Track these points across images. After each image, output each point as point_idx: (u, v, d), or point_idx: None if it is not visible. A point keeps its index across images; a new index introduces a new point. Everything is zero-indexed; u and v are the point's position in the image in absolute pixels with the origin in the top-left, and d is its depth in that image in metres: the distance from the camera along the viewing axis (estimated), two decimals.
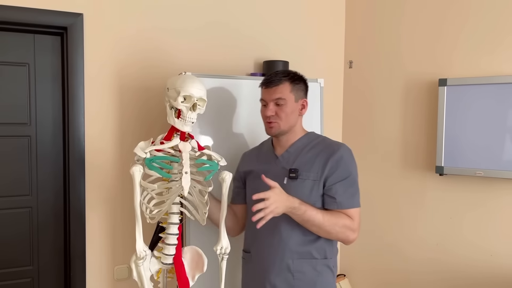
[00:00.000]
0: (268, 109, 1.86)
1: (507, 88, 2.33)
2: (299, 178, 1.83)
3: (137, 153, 1.76)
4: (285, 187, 1.78)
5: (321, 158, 1.85)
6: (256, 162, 2.00)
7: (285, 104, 1.85)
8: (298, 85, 1.90)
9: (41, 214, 2.37)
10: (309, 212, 1.73)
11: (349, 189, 1.83)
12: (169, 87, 1.83)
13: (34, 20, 2.22)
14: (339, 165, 1.83)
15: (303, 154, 1.89)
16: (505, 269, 2.42)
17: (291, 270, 1.83)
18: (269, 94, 1.86)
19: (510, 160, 2.32)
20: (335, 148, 1.86)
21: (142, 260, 1.75)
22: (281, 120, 1.86)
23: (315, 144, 1.91)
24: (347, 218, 1.80)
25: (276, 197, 1.63)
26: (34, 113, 2.33)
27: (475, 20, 2.50)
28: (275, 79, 1.86)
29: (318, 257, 1.85)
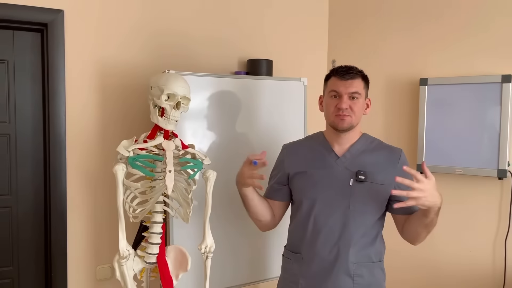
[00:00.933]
0: (342, 101, 1.74)
1: (484, 87, 2.38)
2: (367, 180, 1.75)
3: (120, 152, 1.74)
4: (351, 189, 1.75)
5: (387, 162, 1.79)
6: (307, 161, 1.86)
7: (359, 99, 1.77)
8: (366, 83, 1.83)
9: (21, 214, 2.33)
10: (440, 208, 1.63)
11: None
12: (153, 85, 1.81)
13: (13, 16, 2.18)
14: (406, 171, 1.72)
15: (365, 155, 1.81)
16: (483, 264, 2.48)
17: (351, 275, 1.75)
18: (344, 87, 1.75)
19: (488, 158, 2.37)
20: (397, 152, 1.82)
21: (125, 260, 1.73)
22: (354, 114, 1.76)
23: (374, 146, 1.85)
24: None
25: (432, 190, 1.53)
26: (13, 111, 2.29)
27: (455, 22, 2.55)
28: (352, 72, 1.77)
29: (375, 260, 1.80)
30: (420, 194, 1.51)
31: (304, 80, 2.56)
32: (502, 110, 2.32)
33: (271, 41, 2.91)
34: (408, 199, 1.53)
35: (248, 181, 1.73)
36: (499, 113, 2.34)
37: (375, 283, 1.80)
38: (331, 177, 1.79)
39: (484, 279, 2.47)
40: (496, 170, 2.35)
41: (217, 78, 2.37)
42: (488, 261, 2.46)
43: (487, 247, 2.46)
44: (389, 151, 1.83)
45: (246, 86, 2.46)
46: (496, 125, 2.35)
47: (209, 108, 2.33)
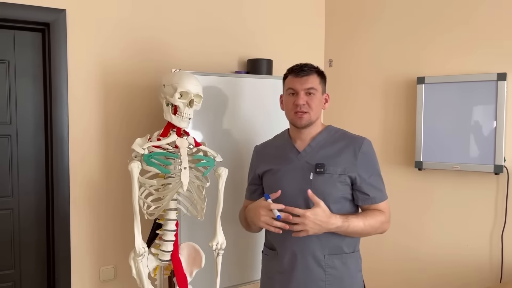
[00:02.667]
0: (299, 97, 1.81)
1: (480, 85, 2.45)
2: (326, 172, 1.79)
3: (136, 149, 1.74)
4: (312, 182, 1.79)
5: (347, 152, 1.83)
6: (273, 159, 1.94)
7: (316, 94, 1.83)
8: (323, 79, 1.91)
9: (22, 216, 2.29)
10: (352, 225, 1.73)
11: (378, 183, 1.85)
12: (166, 83, 1.83)
13: (14, 15, 2.16)
14: (367, 160, 1.83)
15: (326, 147, 1.86)
16: (480, 258, 2.54)
17: (323, 266, 1.80)
18: (300, 83, 1.83)
19: (484, 154, 2.44)
20: (359, 141, 1.85)
21: (141, 257, 1.73)
22: (312, 110, 1.82)
23: (337, 137, 1.89)
24: (381, 214, 1.82)
25: (315, 221, 1.64)
26: (14, 112, 2.26)
27: (451, 21, 2.62)
28: (306, 69, 1.84)
29: (347, 251, 1.84)
30: (300, 227, 1.65)
31: None
32: (498, 107, 2.40)
33: (270, 41, 2.94)
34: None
35: (264, 225, 1.75)
36: (494, 111, 2.41)
37: (349, 273, 1.84)
38: (293, 172, 1.84)
39: (481, 273, 2.53)
40: (492, 165, 2.42)
41: (218, 77, 2.40)
42: (485, 255, 2.52)
43: (484, 241, 2.53)
44: (350, 140, 1.87)
45: (246, 85, 2.48)
46: (492, 122, 2.42)
47: (210, 107, 2.35)
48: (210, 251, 1.91)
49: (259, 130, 2.50)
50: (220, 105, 2.39)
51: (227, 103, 2.41)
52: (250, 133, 2.49)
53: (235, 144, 2.43)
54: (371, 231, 1.79)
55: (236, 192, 2.39)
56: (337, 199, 1.80)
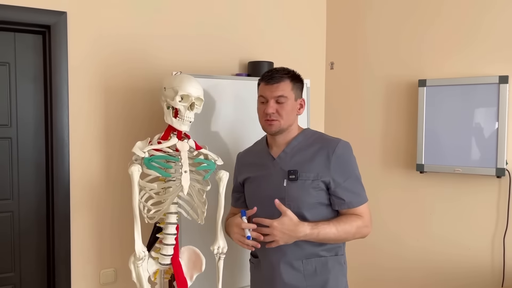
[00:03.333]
0: (269, 106, 1.77)
1: (482, 88, 2.45)
2: (299, 179, 1.74)
3: (136, 152, 1.74)
4: (286, 189, 1.75)
5: (320, 156, 1.77)
6: (252, 166, 1.92)
7: (286, 102, 1.77)
8: (297, 84, 1.84)
9: (23, 219, 2.29)
10: (322, 232, 1.68)
11: (355, 186, 1.77)
12: (166, 86, 1.82)
13: (15, 18, 2.15)
14: (341, 163, 1.76)
15: (300, 153, 1.80)
16: (482, 262, 2.53)
17: (302, 271, 1.77)
18: (270, 91, 1.78)
19: (486, 157, 2.43)
20: (333, 144, 1.77)
21: (142, 261, 1.72)
22: (282, 118, 1.78)
23: (312, 141, 1.83)
24: (357, 218, 1.74)
25: (282, 231, 1.63)
26: (15, 115, 2.25)
27: (453, 24, 2.61)
28: (277, 76, 1.78)
29: (328, 254, 1.79)
30: (270, 238, 1.65)
31: (307, 81, 2.59)
32: (500, 110, 2.39)
33: (271, 43, 2.94)
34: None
35: (237, 242, 1.78)
36: (496, 113, 2.40)
37: (331, 277, 1.78)
38: (268, 179, 1.81)
39: (483, 277, 2.52)
40: (494, 168, 2.41)
41: (219, 80, 2.39)
42: (487, 258, 2.51)
43: (486, 245, 2.52)
44: (324, 143, 1.80)
45: (247, 88, 2.48)
46: (494, 125, 2.41)
47: (211, 110, 2.34)
48: (211, 255, 1.90)
49: (260, 134, 2.49)
50: (221, 108, 2.38)
51: (228, 106, 2.40)
52: (251, 137, 2.48)
53: (236, 147, 2.42)
54: (347, 236, 1.73)
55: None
56: (312, 205, 1.75)
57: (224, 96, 2.39)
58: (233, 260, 2.35)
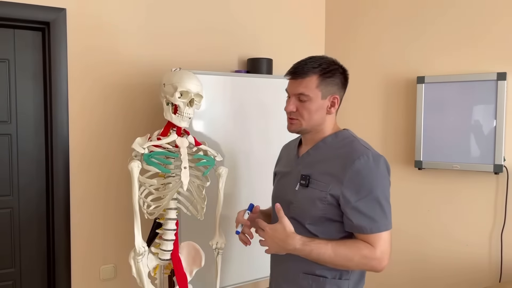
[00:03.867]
0: (289, 103, 1.55)
1: (480, 85, 2.46)
2: (309, 186, 1.51)
3: (136, 149, 1.75)
4: (296, 194, 1.55)
5: (337, 165, 1.49)
6: (282, 160, 1.75)
7: (309, 100, 1.52)
8: (329, 78, 1.53)
9: (23, 215, 2.30)
10: (316, 251, 1.43)
11: (370, 209, 1.43)
12: (166, 82, 1.82)
13: (14, 14, 2.16)
14: (358, 179, 1.45)
15: (322, 157, 1.56)
16: (480, 258, 2.55)
17: (298, 285, 1.56)
18: (292, 87, 1.55)
19: (484, 154, 2.45)
20: (355, 155, 1.46)
21: (141, 256, 1.73)
22: (303, 118, 1.53)
23: (340, 146, 1.55)
24: (365, 247, 1.43)
25: (273, 238, 1.45)
26: (14, 111, 2.26)
27: (451, 21, 2.62)
28: (302, 70, 1.52)
29: (327, 275, 1.52)
30: (262, 242, 1.48)
31: None
32: (498, 107, 2.40)
33: (271, 40, 2.94)
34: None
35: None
36: (494, 110, 2.41)
37: None
38: (287, 179, 1.62)
39: (480, 272, 2.54)
40: (492, 165, 2.42)
41: (218, 77, 2.40)
42: (485, 254, 2.53)
43: (483, 241, 2.53)
44: (347, 152, 1.50)
45: (246, 84, 2.49)
46: (492, 122, 2.42)
47: (210, 107, 2.35)
48: (210, 250, 1.91)
49: (259, 130, 2.50)
50: (220, 105, 2.39)
51: (227, 103, 2.41)
52: (250, 133, 2.49)
53: (235, 143, 2.43)
54: (348, 264, 1.44)
55: (236, 191, 2.39)
56: (317, 219, 1.50)
57: (223, 93, 2.39)
58: (232, 256, 2.36)
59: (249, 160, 2.44)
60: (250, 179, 2.43)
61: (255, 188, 2.45)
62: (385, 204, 1.46)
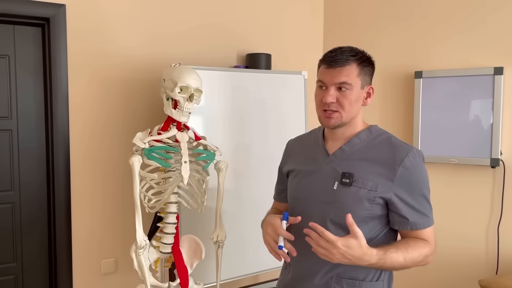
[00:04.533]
0: (328, 94, 1.44)
1: (477, 80, 2.48)
2: (353, 185, 1.44)
3: (136, 143, 1.76)
4: (334, 194, 1.47)
5: (384, 163, 1.45)
6: (300, 158, 1.63)
7: (351, 90, 1.46)
8: (366, 68, 1.53)
9: (24, 210, 2.31)
10: (389, 262, 1.37)
11: (422, 205, 1.45)
12: (166, 78, 1.84)
13: (14, 10, 2.17)
14: (409, 178, 1.44)
15: (361, 154, 1.50)
16: (477, 250, 2.57)
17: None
18: (331, 76, 1.45)
19: (481, 148, 2.47)
20: (403, 152, 1.45)
21: (143, 249, 1.76)
22: (344, 109, 1.46)
23: (378, 142, 1.51)
24: (425, 245, 1.44)
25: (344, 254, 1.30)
26: (15, 107, 2.27)
27: (449, 16, 2.64)
28: (342, 57, 1.45)
29: (366, 279, 1.48)
30: (323, 252, 1.32)
31: (304, 73, 2.62)
32: (495, 101, 2.42)
33: (269, 35, 2.96)
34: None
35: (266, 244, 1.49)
36: (491, 104, 2.44)
37: None
38: (316, 178, 1.53)
39: (477, 265, 2.57)
40: (489, 159, 2.45)
41: (217, 72, 2.41)
42: (482, 247, 2.56)
43: (480, 234, 2.56)
44: (392, 149, 1.47)
45: (245, 79, 2.50)
46: (489, 116, 2.45)
47: (209, 102, 2.37)
48: (210, 243, 1.93)
49: (258, 124, 2.52)
50: (220, 100, 2.41)
51: (227, 98, 2.42)
52: (249, 128, 2.51)
53: (234, 137, 2.45)
54: (411, 265, 1.43)
55: (237, 185, 2.41)
56: (363, 219, 1.44)
57: (222, 88, 2.41)
58: (232, 249, 2.38)
59: (248, 154, 2.46)
60: (249, 173, 2.45)
61: (255, 182, 2.46)
62: (429, 198, 1.48)
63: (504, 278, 2.25)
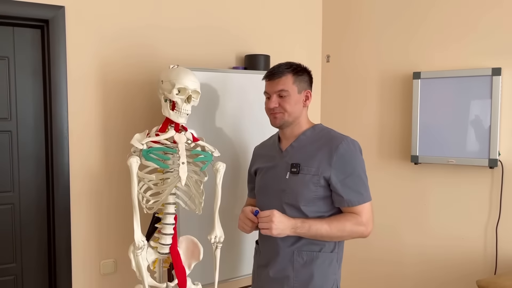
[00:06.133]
0: (271, 101, 1.84)
1: (475, 80, 2.48)
2: (300, 172, 1.80)
3: (134, 144, 1.77)
4: (287, 181, 1.82)
5: (323, 152, 1.80)
6: (263, 158, 2.01)
7: (288, 95, 1.82)
8: (301, 76, 1.87)
9: (23, 210, 2.32)
10: (314, 227, 1.73)
11: (356, 184, 1.78)
12: (164, 79, 1.85)
13: (13, 12, 2.18)
14: (343, 161, 1.78)
15: (306, 147, 1.85)
16: (475, 251, 2.58)
17: (292, 262, 1.83)
18: (271, 87, 1.85)
19: (479, 148, 2.47)
20: (337, 141, 1.80)
21: (141, 250, 1.76)
22: (286, 111, 1.83)
23: (320, 136, 1.87)
24: (353, 217, 1.77)
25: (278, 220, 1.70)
26: (14, 108, 2.28)
27: (447, 17, 2.64)
28: (278, 71, 1.84)
29: (321, 250, 1.82)
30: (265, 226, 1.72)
31: None
32: (493, 102, 2.43)
33: (268, 37, 2.96)
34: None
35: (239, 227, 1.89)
36: (489, 105, 2.44)
37: (321, 273, 1.83)
38: (274, 171, 1.89)
39: (476, 265, 2.57)
40: (487, 159, 2.45)
41: (216, 73, 2.42)
42: (480, 247, 2.56)
43: (479, 234, 2.56)
44: (329, 139, 1.83)
45: (244, 81, 2.51)
46: (487, 117, 2.45)
47: (208, 103, 2.37)
48: (209, 244, 1.94)
49: (256, 126, 2.53)
50: (218, 101, 2.41)
51: (225, 99, 2.43)
52: (247, 129, 2.52)
53: (232, 138, 2.46)
54: (342, 234, 1.77)
55: (234, 186, 2.42)
56: (310, 200, 1.80)
57: (221, 90, 2.42)
58: (230, 249, 2.40)
59: (246, 155, 2.47)
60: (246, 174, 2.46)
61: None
62: (365, 179, 1.83)
63: (502, 279, 2.25)
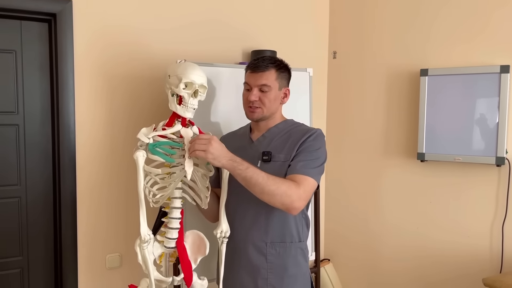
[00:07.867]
0: (252, 94, 1.87)
1: (483, 78, 2.47)
2: (272, 160, 1.86)
3: (141, 138, 1.77)
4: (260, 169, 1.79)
5: (293, 139, 1.87)
6: (232, 148, 1.87)
7: (270, 91, 1.86)
8: (283, 73, 1.91)
9: (30, 204, 2.33)
10: (252, 169, 1.70)
11: (308, 159, 1.81)
12: (171, 74, 1.85)
13: (21, 6, 2.18)
14: (307, 146, 1.83)
15: (278, 138, 1.91)
16: (481, 249, 2.57)
17: (265, 254, 1.88)
18: (254, 79, 1.87)
19: (487, 146, 2.46)
20: (308, 131, 1.88)
21: (147, 244, 1.77)
22: (265, 106, 1.88)
23: (291, 128, 1.93)
24: (292, 182, 1.74)
25: (216, 145, 1.67)
26: (21, 102, 2.29)
27: (455, 14, 2.63)
28: (262, 64, 1.86)
29: (292, 240, 1.89)
30: (202, 147, 1.68)
31: (309, 70, 2.62)
32: (501, 99, 2.42)
33: (274, 32, 2.96)
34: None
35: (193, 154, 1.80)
36: (497, 103, 2.43)
37: (294, 262, 1.89)
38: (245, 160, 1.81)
39: (482, 263, 2.57)
40: (494, 157, 2.44)
41: (222, 68, 2.42)
42: (486, 245, 2.55)
43: (485, 232, 2.56)
44: (302, 131, 1.89)
45: None
46: (495, 114, 2.44)
47: (214, 98, 2.38)
48: (214, 239, 1.94)
49: None
50: (225, 96, 2.41)
51: (232, 94, 2.43)
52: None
53: None
54: (275, 192, 1.68)
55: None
56: None
57: (227, 85, 2.42)
58: None
59: None
60: None
61: None
62: (319, 164, 1.84)
63: (508, 277, 2.25)
